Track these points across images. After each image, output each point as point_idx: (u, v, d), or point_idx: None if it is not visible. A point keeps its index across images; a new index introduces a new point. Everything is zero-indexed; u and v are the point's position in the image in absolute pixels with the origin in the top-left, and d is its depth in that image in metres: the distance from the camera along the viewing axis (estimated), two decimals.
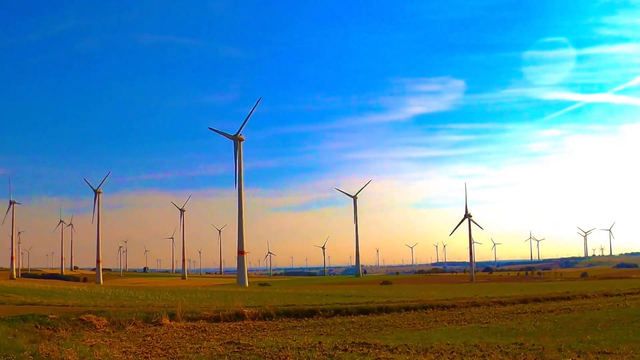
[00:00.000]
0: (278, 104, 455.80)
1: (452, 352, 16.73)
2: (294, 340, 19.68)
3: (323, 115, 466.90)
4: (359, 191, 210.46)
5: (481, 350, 16.94)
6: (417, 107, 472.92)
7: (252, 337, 21.73)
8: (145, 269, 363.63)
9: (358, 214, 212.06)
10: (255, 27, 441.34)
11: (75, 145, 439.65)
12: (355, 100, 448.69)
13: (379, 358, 15.66)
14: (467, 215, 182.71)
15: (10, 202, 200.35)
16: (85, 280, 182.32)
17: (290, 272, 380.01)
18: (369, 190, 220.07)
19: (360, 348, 17.64)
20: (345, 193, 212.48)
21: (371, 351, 16.94)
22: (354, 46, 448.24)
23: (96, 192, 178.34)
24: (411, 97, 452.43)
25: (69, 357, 14.74)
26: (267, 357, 16.13)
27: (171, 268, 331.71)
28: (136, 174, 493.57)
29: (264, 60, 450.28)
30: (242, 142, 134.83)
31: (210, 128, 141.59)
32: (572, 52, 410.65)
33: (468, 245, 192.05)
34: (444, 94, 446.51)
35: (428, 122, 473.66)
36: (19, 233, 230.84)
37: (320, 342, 18.79)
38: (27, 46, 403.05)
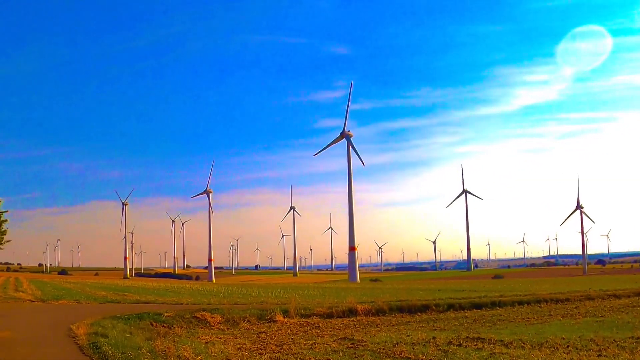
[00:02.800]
0: (385, 98, 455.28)
1: (568, 346, 16.52)
2: (408, 336, 19.77)
3: (431, 109, 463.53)
4: (467, 192, 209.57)
5: (597, 345, 16.67)
6: (525, 97, 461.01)
7: (365, 333, 21.93)
8: (256, 266, 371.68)
9: (468, 208, 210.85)
10: (359, 24, 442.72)
11: (185, 146, 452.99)
12: (462, 93, 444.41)
13: (493, 353, 15.58)
14: (579, 207, 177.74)
15: (123, 204, 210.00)
16: (197, 278, 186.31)
17: (401, 268, 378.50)
18: (478, 184, 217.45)
19: (475, 343, 17.60)
20: (462, 177, 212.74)
21: (485, 346, 16.89)
22: (458, 38, 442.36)
23: (207, 192, 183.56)
24: (518, 87, 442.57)
25: (185, 354, 15.13)
26: (382, 352, 16.20)
27: (282, 265, 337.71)
28: (246, 172, 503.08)
29: (369, 55, 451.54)
30: (351, 138, 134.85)
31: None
32: None
33: (580, 238, 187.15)
34: (552, 83, 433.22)
35: (537, 113, 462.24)
36: (132, 233, 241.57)
37: (434, 337, 18.83)
38: (135, 51, 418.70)
